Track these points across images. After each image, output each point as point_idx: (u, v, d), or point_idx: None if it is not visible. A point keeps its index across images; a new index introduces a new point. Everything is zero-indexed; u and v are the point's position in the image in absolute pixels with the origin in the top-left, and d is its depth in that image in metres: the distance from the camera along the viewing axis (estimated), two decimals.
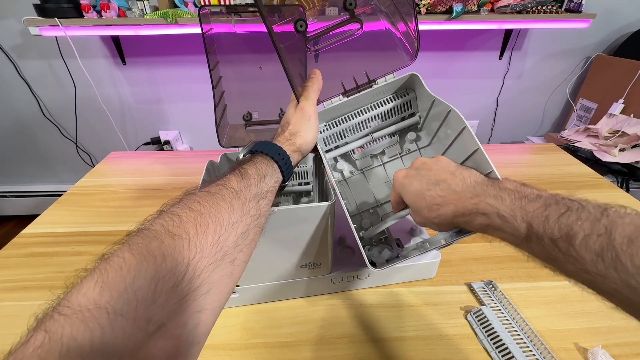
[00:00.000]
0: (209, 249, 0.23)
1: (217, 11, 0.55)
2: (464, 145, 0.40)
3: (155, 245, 0.21)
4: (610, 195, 0.74)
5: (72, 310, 0.17)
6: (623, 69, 1.35)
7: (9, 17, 1.30)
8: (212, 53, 0.55)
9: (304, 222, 0.41)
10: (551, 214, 0.24)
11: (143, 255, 0.20)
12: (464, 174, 0.32)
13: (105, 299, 0.18)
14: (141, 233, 0.22)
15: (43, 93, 1.49)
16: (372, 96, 0.46)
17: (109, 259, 0.20)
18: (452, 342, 0.44)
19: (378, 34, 0.48)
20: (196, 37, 1.32)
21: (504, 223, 0.27)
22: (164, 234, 0.21)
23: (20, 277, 0.54)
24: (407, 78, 0.45)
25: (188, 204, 0.24)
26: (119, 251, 0.20)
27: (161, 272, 0.20)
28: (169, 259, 0.20)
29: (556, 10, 1.26)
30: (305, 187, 0.59)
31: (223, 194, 0.26)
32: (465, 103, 1.68)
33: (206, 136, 1.70)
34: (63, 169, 1.72)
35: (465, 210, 0.30)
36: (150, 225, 0.22)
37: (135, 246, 0.20)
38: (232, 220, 0.25)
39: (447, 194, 0.31)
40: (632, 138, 1.22)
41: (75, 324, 0.16)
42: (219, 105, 0.57)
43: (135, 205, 0.71)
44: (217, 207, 0.25)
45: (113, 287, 0.18)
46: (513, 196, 0.27)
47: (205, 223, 0.23)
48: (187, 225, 0.23)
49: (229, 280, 0.25)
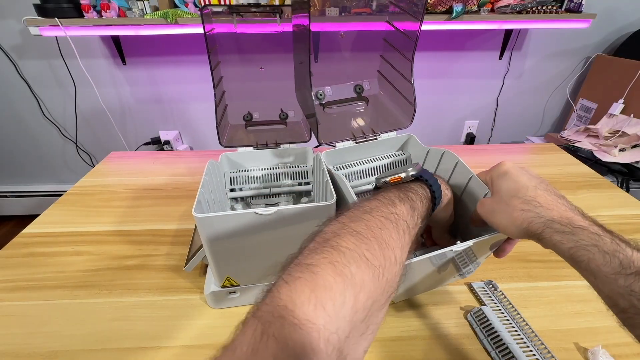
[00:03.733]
0: (384, 285, 0.24)
1: (219, 11, 0.55)
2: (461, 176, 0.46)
3: (357, 273, 0.22)
4: (610, 195, 0.74)
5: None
6: (623, 69, 1.35)
7: (9, 17, 1.30)
8: (214, 53, 0.54)
9: (305, 222, 0.41)
10: None
11: (350, 281, 0.21)
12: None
13: (321, 321, 0.19)
14: (345, 253, 0.23)
15: (43, 93, 1.49)
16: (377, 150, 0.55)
17: (313, 270, 0.21)
18: (452, 342, 0.44)
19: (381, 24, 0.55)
20: (196, 37, 1.32)
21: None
22: (363, 263, 0.23)
23: (20, 277, 0.54)
24: (406, 139, 0.54)
25: (375, 233, 0.25)
26: (324, 271, 0.21)
27: (359, 302, 0.21)
28: (367, 287, 0.22)
29: (556, 10, 1.26)
30: (306, 187, 0.59)
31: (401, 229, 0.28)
32: (465, 103, 1.68)
33: (206, 136, 1.70)
34: (63, 169, 1.72)
35: (562, 222, 0.29)
36: (347, 246, 0.24)
37: (336, 267, 0.22)
38: (402, 259, 0.27)
39: (552, 197, 0.31)
40: (632, 138, 1.22)
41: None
42: (220, 105, 0.57)
43: (135, 205, 0.71)
44: (396, 246, 0.26)
45: (326, 306, 0.20)
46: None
47: (389, 258, 0.25)
48: (379, 254, 0.24)
49: (381, 318, 0.26)
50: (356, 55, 0.60)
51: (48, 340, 0.44)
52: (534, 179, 0.33)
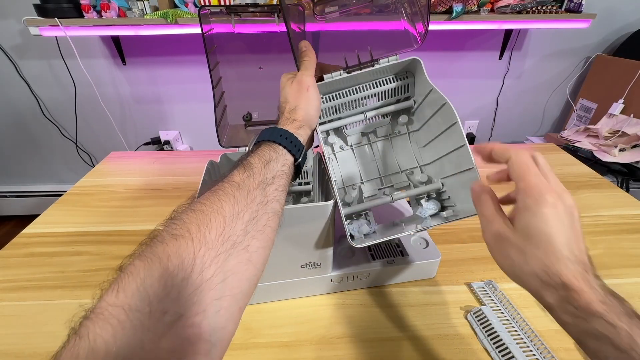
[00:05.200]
0: (214, 241, 0.24)
1: (217, 11, 0.55)
2: (452, 138, 0.42)
3: (160, 249, 0.23)
4: (610, 195, 0.74)
5: (95, 314, 0.19)
6: (623, 69, 1.35)
7: (9, 17, 1.30)
8: (212, 53, 0.55)
9: (305, 222, 0.41)
10: None
11: (150, 258, 0.22)
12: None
13: (120, 300, 0.20)
14: (149, 242, 0.24)
15: (43, 93, 1.49)
16: (372, 75, 0.47)
17: (123, 268, 0.22)
18: (452, 342, 0.44)
19: (387, 16, 0.49)
20: (196, 37, 1.32)
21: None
22: (167, 238, 0.24)
23: (20, 277, 0.54)
24: (409, 62, 0.45)
25: (191, 206, 0.26)
26: (130, 260, 0.22)
27: (168, 269, 0.22)
28: (174, 256, 0.22)
29: (556, 10, 1.26)
30: (305, 187, 0.59)
31: (225, 189, 0.28)
32: (465, 103, 1.68)
33: (206, 136, 1.70)
34: (63, 169, 1.72)
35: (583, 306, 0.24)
36: (157, 233, 0.24)
37: (143, 253, 0.23)
38: (236, 211, 0.27)
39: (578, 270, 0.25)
40: (632, 138, 1.22)
41: (98, 324, 0.19)
42: (219, 106, 0.57)
43: (135, 205, 0.71)
44: (218, 203, 0.26)
45: (127, 289, 0.20)
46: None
47: (207, 219, 0.25)
48: (189, 225, 0.24)
49: (248, 267, 0.26)
50: (362, 46, 0.59)
51: (48, 340, 0.44)
52: (570, 242, 0.26)
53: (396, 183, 0.52)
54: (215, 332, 0.23)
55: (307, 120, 0.38)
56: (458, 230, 0.64)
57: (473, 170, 0.39)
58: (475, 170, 0.39)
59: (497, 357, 0.41)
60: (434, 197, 0.47)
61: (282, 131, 0.35)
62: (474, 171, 0.39)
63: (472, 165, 0.39)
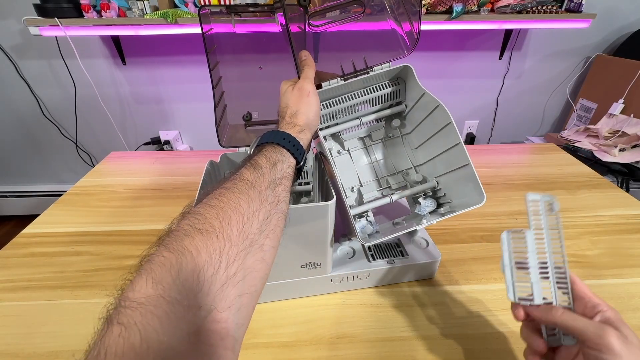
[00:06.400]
0: (236, 238, 0.25)
1: (217, 11, 0.55)
2: (447, 137, 0.44)
3: (188, 242, 0.22)
4: (610, 195, 0.74)
5: (136, 304, 0.19)
6: (623, 69, 1.35)
7: (9, 17, 1.30)
8: (212, 53, 0.54)
9: (305, 222, 0.41)
10: None
11: (180, 251, 0.22)
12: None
13: (159, 291, 0.20)
14: (172, 234, 0.23)
15: (43, 93, 1.49)
16: (366, 82, 0.49)
17: (150, 259, 0.22)
18: (453, 342, 0.44)
19: (379, 23, 0.51)
20: (196, 37, 1.32)
21: None
22: (192, 231, 0.23)
23: (20, 277, 0.54)
24: (401, 69, 0.47)
25: (207, 202, 0.26)
26: (157, 251, 0.22)
27: (199, 263, 0.22)
28: (203, 251, 0.22)
29: (556, 10, 1.26)
30: (305, 187, 0.59)
31: (239, 186, 0.28)
32: (465, 103, 1.68)
33: (206, 136, 1.69)
34: (63, 169, 1.72)
35: None
36: (178, 226, 0.24)
37: (170, 245, 0.22)
38: (252, 209, 0.27)
39: None
40: (632, 138, 1.22)
41: (143, 313, 0.19)
42: (219, 106, 0.57)
43: (135, 205, 0.71)
44: (235, 200, 0.27)
45: (163, 281, 0.20)
46: None
47: (228, 216, 0.25)
48: (211, 221, 0.24)
49: (262, 266, 0.27)
50: (357, 54, 0.60)
51: (48, 340, 0.44)
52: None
53: (393, 184, 0.54)
54: (238, 328, 0.23)
55: (307, 125, 0.38)
56: (458, 230, 0.64)
57: (469, 167, 0.41)
58: (470, 167, 0.41)
59: (510, 278, 0.33)
60: (430, 195, 0.49)
61: (285, 134, 0.35)
62: (469, 167, 0.41)
63: (468, 162, 0.41)
